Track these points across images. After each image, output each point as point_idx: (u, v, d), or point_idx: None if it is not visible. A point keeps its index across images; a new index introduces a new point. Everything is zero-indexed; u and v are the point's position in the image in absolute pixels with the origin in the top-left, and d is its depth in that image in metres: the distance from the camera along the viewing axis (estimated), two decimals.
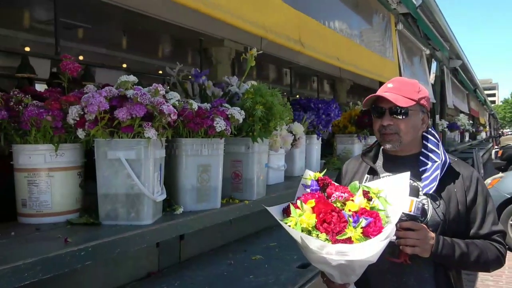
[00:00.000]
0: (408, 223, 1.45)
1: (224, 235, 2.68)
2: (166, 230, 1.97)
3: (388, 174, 1.63)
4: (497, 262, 1.55)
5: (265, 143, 2.69)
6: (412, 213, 1.44)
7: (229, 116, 2.25)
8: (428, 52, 7.90)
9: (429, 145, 1.62)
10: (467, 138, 16.93)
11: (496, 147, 19.00)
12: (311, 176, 1.46)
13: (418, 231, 1.45)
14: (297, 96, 9.40)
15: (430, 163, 1.58)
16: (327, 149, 5.01)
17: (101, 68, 7.51)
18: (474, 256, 1.50)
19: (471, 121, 18.48)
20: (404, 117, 1.57)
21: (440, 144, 1.63)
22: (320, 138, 4.09)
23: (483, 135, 25.86)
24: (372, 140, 4.78)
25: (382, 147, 1.73)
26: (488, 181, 7.20)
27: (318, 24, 3.57)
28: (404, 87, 1.61)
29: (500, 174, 7.39)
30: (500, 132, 50.59)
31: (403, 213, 1.42)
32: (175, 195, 2.20)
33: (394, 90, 1.59)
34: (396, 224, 1.37)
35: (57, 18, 4.02)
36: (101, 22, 5.32)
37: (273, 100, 2.48)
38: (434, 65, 8.44)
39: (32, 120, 1.77)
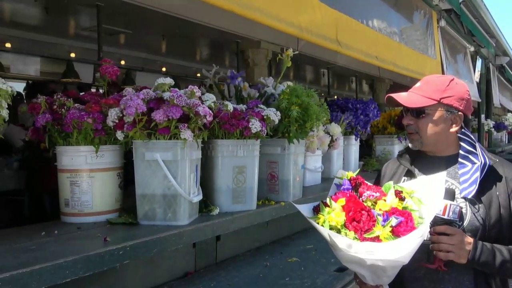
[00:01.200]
0: (442, 227, 1.39)
1: (260, 236, 2.67)
2: (202, 231, 1.99)
3: (423, 175, 1.57)
4: None
5: (302, 144, 2.66)
6: (446, 217, 1.38)
7: (265, 117, 2.24)
8: (472, 49, 7.57)
9: (465, 146, 1.56)
10: None
11: None
12: (344, 175, 1.45)
13: (453, 236, 1.38)
14: (335, 96, 9.28)
15: (469, 165, 1.51)
16: (366, 151, 4.91)
17: (141, 72, 7.73)
18: None
19: None
20: (421, 116, 1.53)
21: (477, 145, 1.56)
22: (359, 139, 4.00)
23: None
24: None
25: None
26: None
27: (355, 23, 3.50)
28: (427, 86, 1.56)
29: None
30: None
31: (438, 216, 1.37)
32: (211, 196, 2.21)
33: (416, 90, 1.57)
34: (430, 228, 1.33)
35: (99, 25, 4.16)
36: (141, 27, 5.46)
37: (309, 100, 2.45)
38: (479, 62, 8.09)
39: (74, 123, 1.84)
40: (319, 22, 2.96)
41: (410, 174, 1.60)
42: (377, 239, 1.23)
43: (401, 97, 1.55)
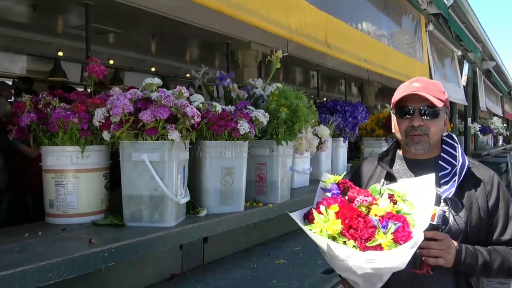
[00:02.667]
0: (431, 232, 1.37)
1: (248, 238, 2.66)
2: (189, 233, 1.97)
3: (404, 179, 1.55)
4: None
5: (290, 146, 2.66)
6: (435, 223, 1.38)
7: (253, 118, 2.24)
8: (460, 53, 7.66)
9: (448, 148, 1.56)
10: (500, 142, 16.35)
11: None
12: (330, 179, 1.41)
13: (441, 241, 1.38)
14: (324, 99, 9.32)
15: (449, 168, 1.52)
16: (355, 153, 4.93)
17: (130, 72, 7.68)
18: (497, 263, 1.43)
19: (505, 124, 17.84)
20: (434, 117, 1.52)
21: (458, 146, 1.57)
22: (347, 142, 4.02)
23: None
24: None
25: (398, 150, 1.66)
26: None
27: (345, 26, 3.52)
28: (432, 87, 1.55)
29: None
30: None
31: None
32: (199, 198, 2.19)
33: (423, 90, 1.51)
34: None
35: (88, 24, 4.12)
36: (131, 26, 5.42)
37: (298, 102, 2.44)
38: (466, 66, 8.19)
39: (59, 122, 1.81)
40: (309, 24, 2.96)
41: (390, 177, 1.58)
42: (379, 247, 1.20)
43: (424, 96, 1.49)
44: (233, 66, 5.56)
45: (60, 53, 6.43)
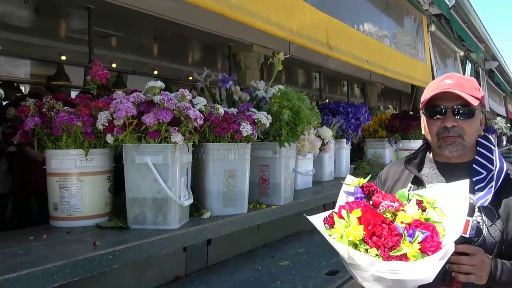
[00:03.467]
0: (462, 246, 1.24)
1: (251, 240, 2.66)
2: (193, 235, 1.98)
3: (434, 184, 1.42)
4: None
5: (293, 148, 2.66)
6: (467, 235, 1.24)
7: (256, 120, 2.25)
8: (462, 53, 7.65)
9: (484, 151, 1.42)
10: (504, 142, 16.27)
11: None
12: (354, 182, 1.30)
13: (473, 256, 1.24)
14: (327, 100, 9.32)
15: (485, 172, 1.37)
16: (358, 154, 4.93)
17: (132, 75, 7.71)
18: None
19: (508, 124, 17.75)
20: (469, 117, 1.38)
21: (496, 149, 1.42)
22: (350, 143, 4.02)
23: None
24: (404, 144, 4.67)
25: (428, 153, 1.53)
26: None
27: (346, 27, 3.52)
28: (466, 83, 1.40)
29: None
30: None
31: None
32: (202, 200, 2.20)
33: (457, 87, 1.37)
34: None
35: (90, 28, 4.14)
36: (133, 30, 5.45)
37: (300, 104, 2.45)
38: (468, 67, 8.17)
39: (63, 126, 1.82)
40: (310, 26, 2.97)
41: (417, 182, 1.46)
42: (404, 257, 1.10)
43: (457, 93, 1.35)
44: (235, 68, 5.58)
45: (63, 57, 6.46)
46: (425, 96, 1.44)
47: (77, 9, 4.50)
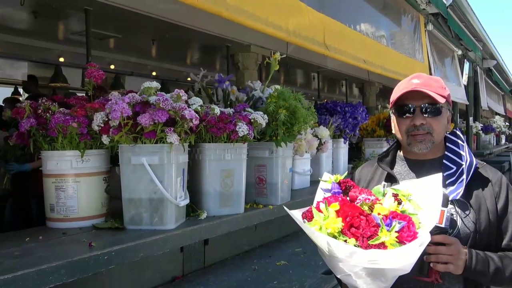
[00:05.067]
0: (439, 236, 1.27)
1: (248, 240, 2.67)
2: (189, 235, 1.98)
3: (407, 181, 1.45)
4: None
5: (290, 148, 2.67)
6: (443, 225, 1.28)
7: (252, 120, 2.25)
8: (460, 52, 7.66)
9: (453, 147, 1.48)
10: (503, 141, 16.28)
11: None
12: (331, 178, 1.34)
13: (450, 246, 1.28)
14: (325, 100, 9.32)
15: (455, 167, 1.44)
16: (356, 153, 4.93)
17: (131, 76, 7.71)
18: (509, 271, 1.34)
19: (507, 123, 17.76)
20: (437, 115, 1.43)
21: (465, 145, 1.49)
22: (348, 142, 4.02)
23: None
24: None
25: (399, 151, 1.58)
26: None
27: (343, 27, 3.53)
28: (432, 83, 1.45)
29: None
30: None
31: (434, 225, 1.25)
32: (199, 200, 2.20)
33: (424, 86, 1.42)
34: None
35: (88, 29, 4.14)
36: (131, 31, 5.45)
37: (296, 104, 2.46)
38: (466, 65, 8.18)
39: (58, 127, 1.83)
40: (307, 26, 2.97)
41: (391, 179, 1.50)
42: (382, 245, 1.12)
43: (425, 92, 1.40)
44: (233, 69, 5.58)
45: (61, 59, 6.46)
46: (394, 95, 1.49)
47: (75, 11, 4.50)
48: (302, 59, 5.84)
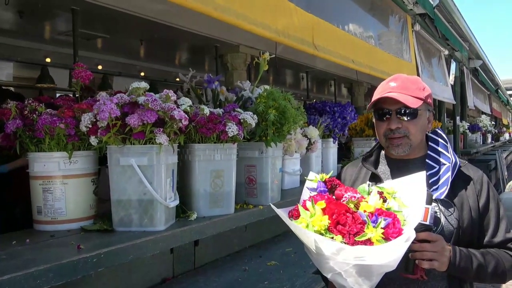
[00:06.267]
0: (424, 234, 1.29)
1: (239, 240, 2.66)
2: (179, 236, 1.97)
3: (391, 180, 1.47)
4: None
5: (279, 148, 2.67)
6: (427, 223, 1.29)
7: (242, 120, 2.24)
8: (446, 52, 7.74)
9: (436, 146, 1.50)
10: (489, 140, 16.53)
11: None
12: (317, 177, 1.36)
13: (435, 243, 1.30)
14: (314, 100, 9.35)
15: (438, 166, 1.46)
16: (346, 153, 4.96)
17: (119, 77, 7.65)
18: (492, 267, 1.37)
19: (493, 122, 18.04)
20: (413, 118, 1.44)
21: (448, 145, 1.51)
22: (337, 142, 4.04)
23: (507, 136, 25.19)
24: None
25: (382, 151, 1.60)
26: (511, 183, 6.99)
27: (332, 27, 3.54)
28: (410, 85, 1.46)
29: None
30: None
31: (418, 222, 1.28)
32: (189, 201, 2.19)
33: (400, 90, 1.44)
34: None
35: (75, 29, 4.10)
36: (119, 31, 5.41)
37: (286, 104, 2.46)
38: (453, 65, 8.27)
39: (45, 128, 1.80)
40: (296, 26, 2.98)
41: (375, 179, 1.51)
42: (368, 242, 1.14)
43: (399, 97, 1.42)
44: (222, 69, 5.56)
45: (48, 59, 6.38)
46: (373, 99, 1.51)
47: (61, 11, 4.45)
48: (291, 59, 5.85)
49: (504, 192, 7.05)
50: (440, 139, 1.53)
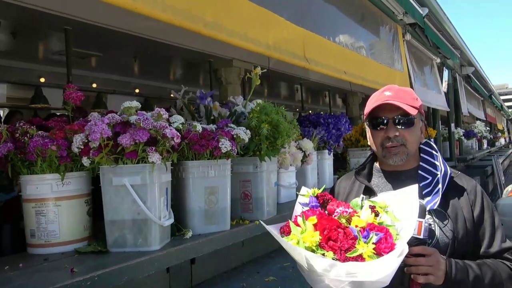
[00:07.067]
0: (419, 248, 1.28)
1: (236, 256, 2.64)
2: (175, 255, 1.95)
3: (384, 193, 1.46)
4: (510, 282, 1.40)
5: (274, 162, 2.66)
6: (422, 236, 1.29)
7: (235, 136, 2.24)
8: (438, 60, 7.81)
9: (428, 157, 1.51)
10: (485, 145, 16.60)
11: None
12: (309, 192, 1.35)
13: (429, 257, 1.29)
14: (309, 111, 9.39)
15: (430, 177, 1.45)
16: (342, 164, 4.96)
17: (113, 95, 7.66)
18: (488, 278, 1.36)
19: (488, 128, 18.14)
20: (410, 126, 1.45)
21: (439, 154, 1.51)
22: (332, 153, 4.04)
23: (502, 141, 25.31)
24: None
25: (375, 163, 1.60)
26: (508, 188, 6.99)
27: (323, 40, 3.57)
28: (404, 95, 1.47)
29: None
30: None
31: (413, 236, 1.27)
32: (184, 219, 2.18)
33: (395, 98, 1.44)
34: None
35: (68, 49, 4.11)
36: (112, 49, 5.44)
37: (279, 117, 2.46)
38: (446, 73, 8.34)
39: (37, 151, 1.79)
40: (287, 40, 3.00)
41: (369, 192, 1.50)
42: (360, 257, 1.13)
43: (396, 104, 1.42)
44: (216, 84, 5.59)
45: (42, 79, 6.39)
46: (367, 108, 1.51)
47: (54, 31, 4.47)
48: (284, 72, 5.89)
49: (502, 198, 7.05)
50: (432, 150, 1.53)
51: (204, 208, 2.19)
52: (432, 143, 1.56)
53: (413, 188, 1.33)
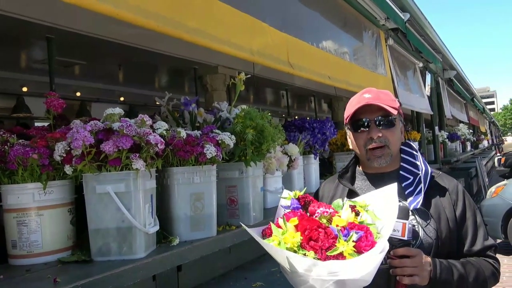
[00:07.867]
0: (403, 249, 1.30)
1: (223, 263, 2.62)
2: (161, 263, 1.93)
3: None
4: (494, 279, 1.44)
5: (259, 167, 2.66)
6: (406, 238, 1.30)
7: (219, 141, 2.24)
8: (421, 64, 7.93)
9: (408, 158, 1.52)
10: (469, 148, 16.84)
11: (498, 154, 18.87)
12: (290, 195, 1.36)
13: (414, 258, 1.30)
14: (295, 117, 9.42)
15: (411, 177, 1.47)
16: (328, 168, 4.98)
17: (97, 103, 7.60)
18: (472, 276, 1.38)
19: (471, 130, 18.43)
20: (391, 127, 1.47)
21: (419, 154, 1.53)
22: (318, 158, 4.06)
23: (485, 143, 25.75)
24: None
25: (358, 166, 1.61)
26: (492, 189, 7.10)
27: (306, 45, 3.60)
28: (383, 96, 1.49)
29: (504, 182, 7.29)
30: (502, 139, 50.41)
31: (396, 238, 1.29)
32: (169, 226, 2.16)
33: (376, 100, 1.46)
34: (388, 252, 1.25)
35: (51, 58, 4.07)
36: (96, 57, 5.40)
37: (263, 122, 2.47)
38: (428, 77, 8.47)
39: (18, 159, 1.76)
40: (271, 46, 3.02)
41: (352, 195, 1.51)
42: (340, 256, 1.14)
43: (378, 104, 1.43)
44: (202, 91, 5.59)
45: (25, 89, 6.31)
46: (348, 111, 1.52)
47: (37, 40, 4.43)
48: (269, 78, 5.92)
49: (486, 199, 7.16)
50: (412, 150, 1.55)
51: (190, 214, 2.17)
52: (412, 144, 1.58)
53: (393, 187, 1.34)
